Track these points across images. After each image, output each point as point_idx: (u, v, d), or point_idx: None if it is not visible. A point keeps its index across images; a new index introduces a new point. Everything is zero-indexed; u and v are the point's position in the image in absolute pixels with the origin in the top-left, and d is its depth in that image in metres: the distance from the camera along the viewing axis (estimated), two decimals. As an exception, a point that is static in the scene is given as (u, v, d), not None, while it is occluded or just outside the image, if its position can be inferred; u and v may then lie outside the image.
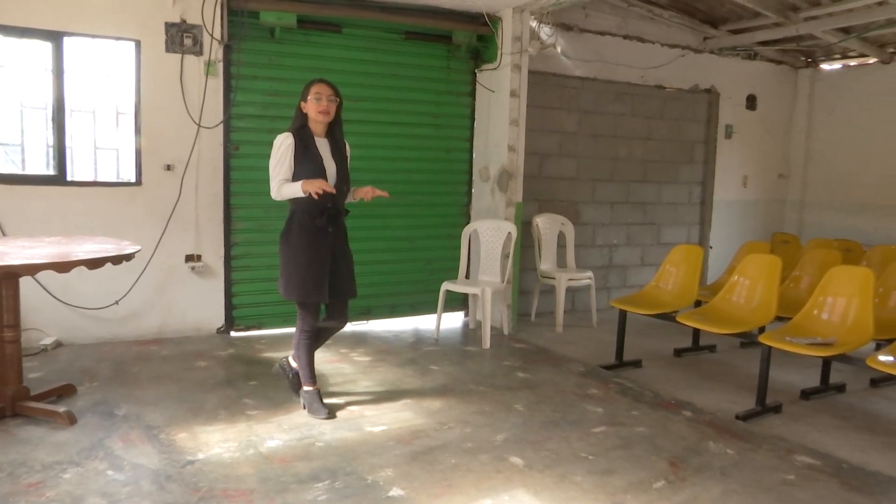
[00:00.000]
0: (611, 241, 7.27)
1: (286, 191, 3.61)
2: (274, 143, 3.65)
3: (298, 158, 3.61)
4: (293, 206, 3.71)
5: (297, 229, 3.67)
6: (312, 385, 3.87)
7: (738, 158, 8.06)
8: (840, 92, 8.14)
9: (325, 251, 3.69)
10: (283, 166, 3.61)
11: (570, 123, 6.83)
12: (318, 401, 3.84)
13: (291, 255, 3.70)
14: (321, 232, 3.66)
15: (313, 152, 3.63)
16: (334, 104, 3.66)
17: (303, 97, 3.66)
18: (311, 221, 3.65)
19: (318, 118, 3.63)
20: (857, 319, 4.09)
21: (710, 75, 7.69)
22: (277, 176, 3.63)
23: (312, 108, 3.61)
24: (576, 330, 6.21)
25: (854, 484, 3.24)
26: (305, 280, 3.67)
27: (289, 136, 3.63)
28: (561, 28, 6.59)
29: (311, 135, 3.67)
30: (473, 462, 3.30)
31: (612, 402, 4.24)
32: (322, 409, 3.80)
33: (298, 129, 3.66)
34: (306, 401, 3.86)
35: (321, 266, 3.68)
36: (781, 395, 4.45)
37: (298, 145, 3.61)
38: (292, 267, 3.70)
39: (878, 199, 7.78)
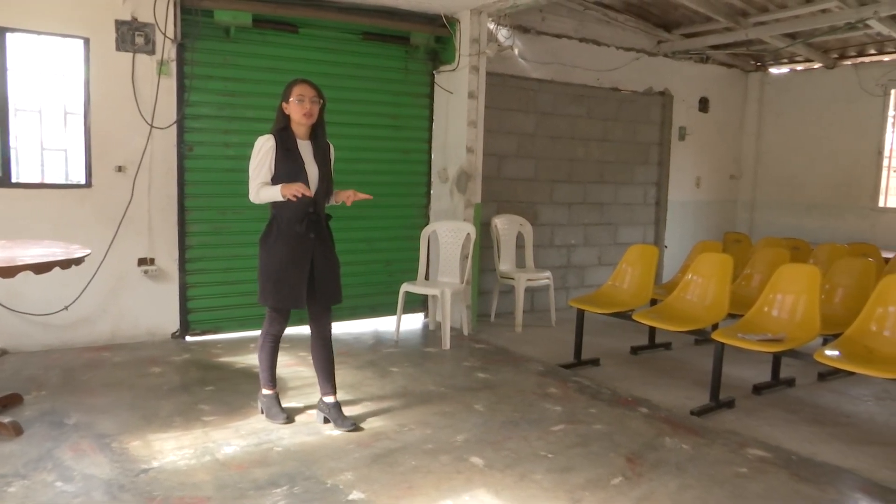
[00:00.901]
0: (569, 241, 7.35)
1: (265, 194, 3.50)
2: (254, 145, 3.53)
3: (279, 161, 3.50)
4: (274, 211, 3.60)
5: (277, 234, 3.56)
6: (271, 389, 3.80)
7: (692, 160, 8.24)
8: (788, 95, 8.39)
9: (304, 257, 3.56)
10: (262, 169, 3.50)
11: (528, 125, 6.89)
12: (276, 405, 3.78)
13: (268, 261, 3.57)
14: (301, 238, 3.54)
15: (294, 155, 3.52)
16: (317, 106, 3.54)
17: (284, 98, 3.55)
18: (290, 227, 3.54)
19: (301, 121, 3.51)
20: (805, 316, 4.21)
21: (664, 78, 7.85)
22: (256, 179, 3.51)
23: (295, 110, 3.49)
24: (535, 330, 6.26)
25: (803, 475, 3.33)
26: (279, 286, 3.55)
27: (270, 138, 3.52)
28: (518, 30, 6.64)
29: (293, 137, 3.55)
30: (434, 463, 3.30)
31: (571, 401, 4.28)
32: (280, 413, 3.74)
33: (280, 130, 3.54)
34: (264, 405, 3.79)
35: (298, 273, 3.55)
36: (734, 391, 4.56)
37: (279, 148, 3.50)
38: (267, 272, 3.58)
39: (824, 199, 8.04)
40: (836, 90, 7.86)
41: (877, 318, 3.91)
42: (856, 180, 7.76)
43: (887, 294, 3.91)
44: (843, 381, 4.94)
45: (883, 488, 3.24)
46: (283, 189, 3.39)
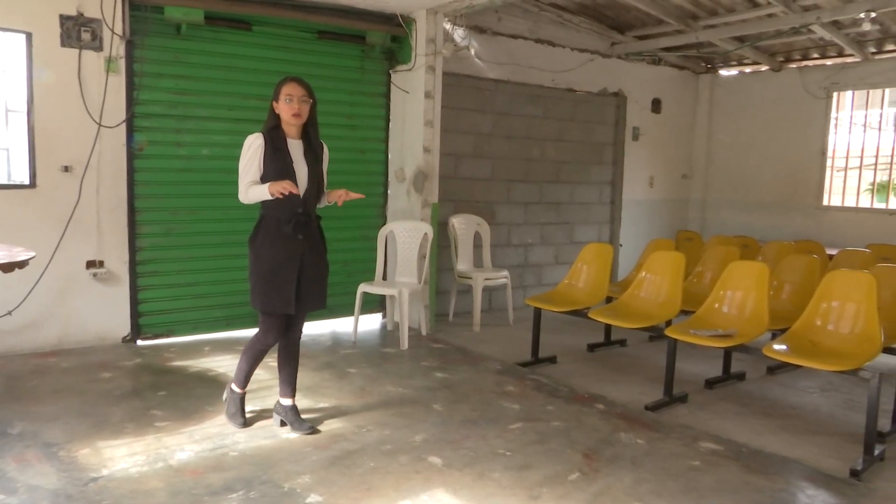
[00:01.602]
0: (526, 240, 7.41)
1: (253, 193, 3.43)
2: (244, 144, 3.47)
3: (268, 160, 3.42)
4: (262, 211, 3.52)
5: (265, 235, 3.48)
6: (242, 388, 3.71)
7: (645, 159, 8.39)
8: (737, 97, 8.61)
9: (293, 260, 3.48)
10: (251, 168, 3.43)
11: (485, 125, 6.92)
12: (239, 407, 3.70)
13: (257, 263, 3.50)
14: (290, 239, 3.47)
15: (283, 154, 3.45)
16: (307, 105, 3.48)
17: (274, 97, 3.48)
18: (278, 228, 3.46)
19: (291, 121, 3.44)
20: (754, 311, 4.33)
21: (618, 79, 7.97)
22: (245, 178, 3.44)
23: (284, 110, 3.43)
24: (493, 329, 6.29)
25: (753, 466, 3.42)
26: (269, 289, 3.47)
27: (259, 136, 3.45)
28: (474, 30, 6.67)
29: (283, 136, 3.48)
30: (392, 464, 3.29)
31: (529, 399, 4.32)
32: (239, 416, 3.68)
33: (270, 129, 3.47)
34: (229, 401, 3.73)
35: (287, 275, 3.47)
36: (688, 386, 4.66)
37: (268, 146, 3.43)
38: (257, 275, 3.50)
39: (771, 198, 8.28)
40: (783, 92, 8.11)
41: (821, 313, 4.04)
42: (801, 180, 8.02)
43: (831, 290, 4.05)
44: (791, 374, 5.09)
45: (827, 476, 3.35)
46: (270, 186, 3.30)
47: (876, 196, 7.77)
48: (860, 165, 7.74)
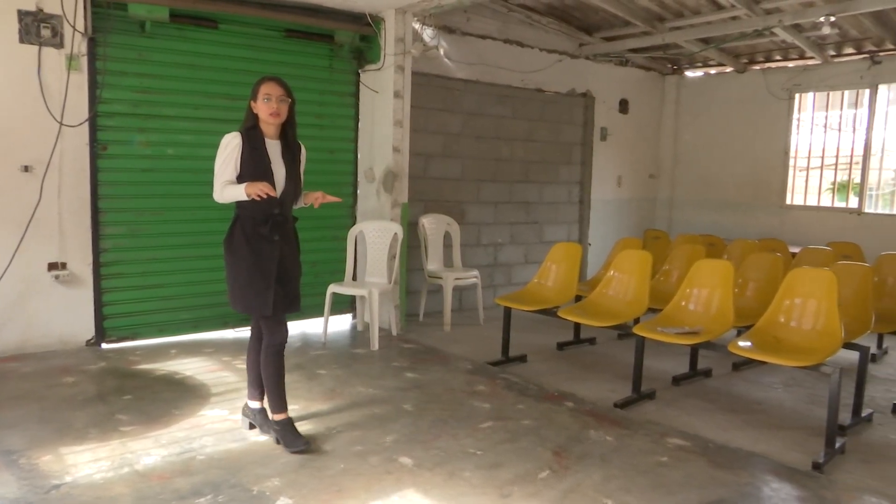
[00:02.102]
0: (495, 240, 7.44)
1: (229, 193, 3.36)
2: (220, 143, 3.40)
3: (245, 160, 3.37)
4: (238, 211, 3.45)
5: (240, 236, 3.41)
6: (284, 413, 3.51)
7: (613, 159, 8.48)
8: (702, 98, 8.75)
9: (271, 261, 3.43)
10: (227, 167, 3.37)
11: (454, 125, 6.93)
12: (292, 431, 3.47)
13: (233, 265, 3.44)
14: (266, 240, 3.42)
15: (261, 154, 3.39)
16: (286, 105, 3.42)
17: (252, 97, 3.42)
18: (254, 229, 3.41)
19: (269, 120, 3.39)
20: (720, 309, 4.41)
21: (586, 80, 8.04)
22: (221, 177, 3.37)
23: (262, 109, 3.37)
24: (463, 328, 6.30)
25: (719, 461, 3.48)
26: (247, 291, 3.42)
27: (236, 135, 3.39)
28: (443, 30, 6.67)
29: (261, 136, 3.42)
30: (363, 465, 3.28)
31: (499, 398, 4.34)
32: (298, 439, 3.43)
33: (248, 129, 3.41)
34: (279, 433, 3.47)
35: (264, 277, 3.41)
36: (655, 382, 4.72)
37: (246, 146, 3.37)
38: (233, 277, 3.44)
39: (736, 197, 8.43)
40: (747, 93, 8.26)
41: (784, 309, 4.12)
42: (765, 179, 8.17)
43: (794, 287, 4.13)
44: (756, 370, 5.19)
45: (791, 469, 3.43)
46: (247, 188, 3.25)
47: (836, 195, 7.95)
48: (821, 165, 7.92)
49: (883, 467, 3.53)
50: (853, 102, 7.56)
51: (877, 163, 7.38)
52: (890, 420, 4.24)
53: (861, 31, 6.78)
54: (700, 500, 3.06)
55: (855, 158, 7.48)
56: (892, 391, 4.79)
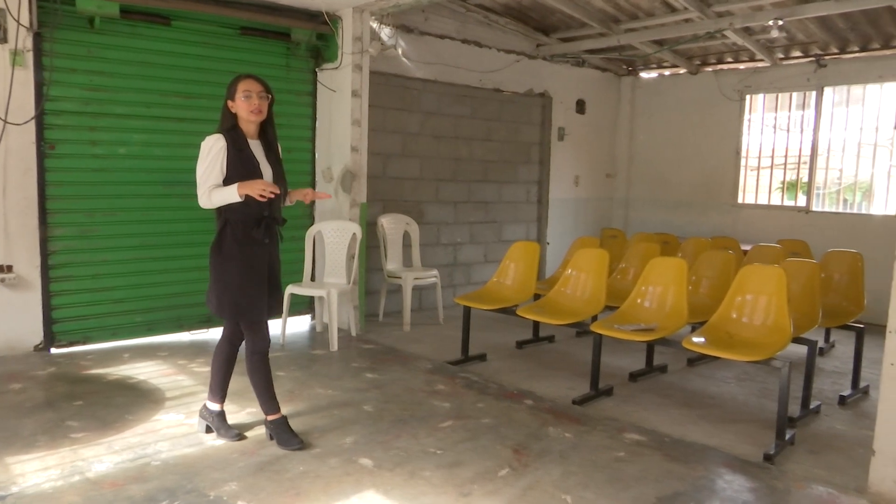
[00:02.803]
0: (455, 239, 7.46)
1: (218, 197, 3.24)
2: (202, 146, 3.28)
3: (231, 163, 3.26)
4: (226, 215, 3.33)
5: (231, 241, 3.31)
6: (277, 413, 3.50)
7: (571, 159, 8.58)
8: (657, 99, 8.91)
9: (262, 265, 3.36)
10: (213, 172, 3.25)
11: (413, 124, 6.92)
12: (287, 430, 3.47)
13: (224, 270, 3.32)
14: (258, 244, 3.34)
15: (248, 155, 3.30)
16: (266, 101, 3.34)
17: (229, 95, 3.32)
18: (245, 232, 3.31)
19: (250, 118, 3.30)
20: (674, 305, 4.49)
21: (544, 80, 8.12)
22: (207, 182, 3.26)
23: (242, 107, 3.28)
24: (423, 328, 6.30)
25: (674, 455, 3.55)
26: (240, 297, 3.33)
27: (220, 137, 3.27)
28: (402, 30, 6.66)
29: (243, 136, 3.33)
30: (322, 467, 3.25)
31: (459, 397, 4.35)
32: (293, 439, 3.44)
33: (229, 130, 3.31)
34: (273, 432, 3.48)
35: (258, 281, 3.34)
36: (613, 379, 4.79)
37: (231, 148, 3.27)
38: (225, 283, 3.33)
39: (690, 196, 8.61)
40: (700, 95, 8.44)
41: (736, 306, 4.23)
42: (718, 178, 8.36)
43: (745, 284, 4.24)
44: (709, 365, 5.31)
45: (743, 462, 3.51)
46: (241, 188, 3.17)
47: (786, 194, 8.18)
48: (771, 165, 8.14)
49: (830, 457, 3.65)
50: (801, 104, 7.79)
51: (823, 162, 7.62)
52: (836, 411, 4.38)
53: (807, 35, 7.00)
54: (656, 493, 3.12)
55: (803, 158, 7.71)
56: (838, 383, 4.95)
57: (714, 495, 3.14)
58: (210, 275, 3.39)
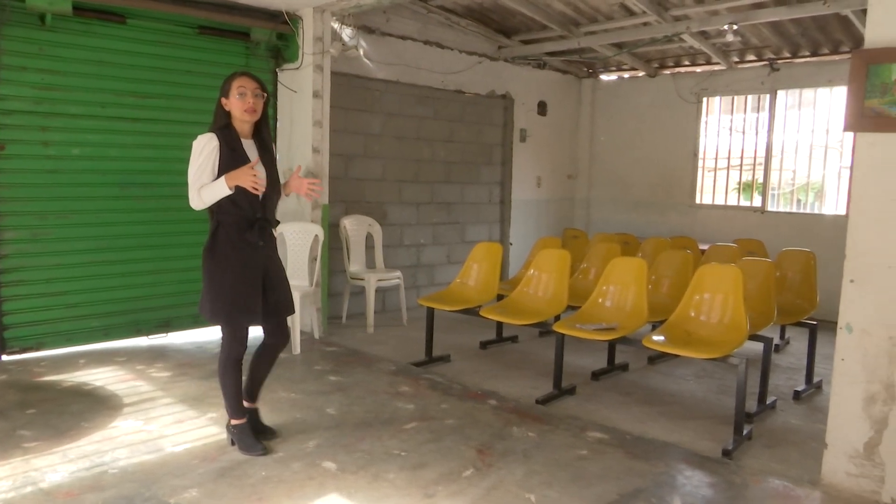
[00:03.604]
0: (418, 240, 7.45)
1: (208, 195, 3.17)
2: (194, 146, 3.19)
3: (224, 163, 3.18)
4: (218, 217, 3.25)
5: (225, 244, 3.24)
6: (242, 418, 3.43)
7: (532, 160, 8.64)
8: (617, 101, 9.03)
9: (257, 268, 3.29)
10: (204, 172, 3.17)
11: (375, 125, 6.89)
12: (250, 436, 3.41)
13: (217, 274, 3.25)
14: (251, 246, 3.27)
15: (240, 155, 3.23)
16: (261, 100, 3.27)
17: (223, 93, 3.25)
18: (239, 235, 3.24)
19: (244, 117, 3.23)
20: (635, 305, 4.56)
21: (506, 82, 8.16)
22: (197, 182, 3.18)
23: (236, 105, 3.20)
24: (387, 329, 6.28)
25: (636, 452, 3.60)
26: (234, 302, 3.25)
27: (213, 137, 3.20)
28: (363, 30, 6.63)
29: (236, 136, 3.26)
30: (285, 472, 3.21)
31: (423, 398, 4.34)
32: (257, 444, 3.39)
33: (222, 129, 3.24)
34: (236, 437, 3.42)
35: (252, 285, 3.27)
36: (575, 378, 4.83)
37: (223, 147, 3.19)
38: (218, 287, 3.26)
39: (650, 197, 8.75)
40: (658, 97, 8.58)
41: (694, 304, 4.31)
42: (676, 179, 8.52)
43: (702, 283, 4.32)
44: (669, 362, 5.40)
45: (702, 457, 3.58)
46: (229, 178, 3.09)
47: (742, 194, 8.37)
48: (728, 166, 8.32)
49: (785, 451, 3.74)
50: (756, 106, 7.98)
51: (777, 164, 7.82)
52: (791, 406, 4.50)
53: (761, 40, 7.17)
54: (618, 490, 3.16)
55: (758, 160, 7.90)
56: (793, 379, 5.08)
57: (674, 491, 3.20)
58: (203, 279, 3.32)
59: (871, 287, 3.09)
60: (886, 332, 3.05)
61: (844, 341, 3.18)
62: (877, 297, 3.08)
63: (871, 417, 3.11)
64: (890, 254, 3.04)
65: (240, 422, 3.44)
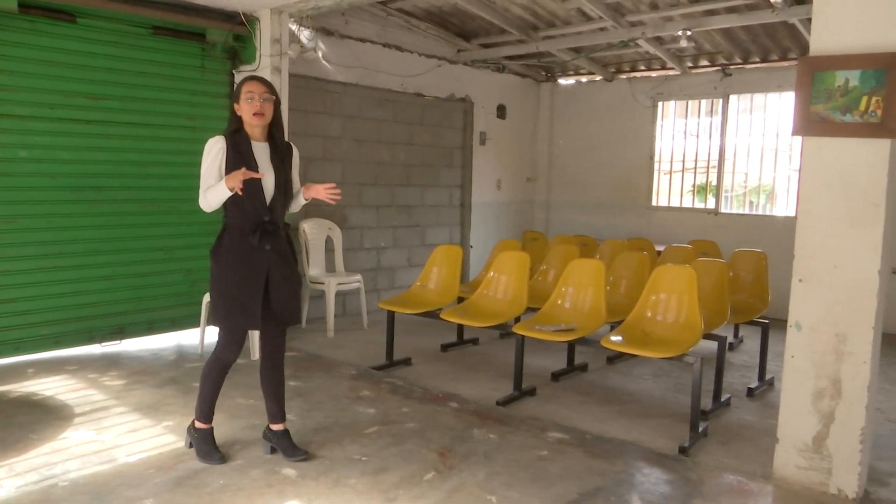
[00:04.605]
0: (378, 243, 7.42)
1: (213, 197, 3.16)
2: (204, 148, 3.21)
3: (230, 165, 3.17)
4: (226, 220, 3.25)
5: (228, 246, 3.22)
6: (207, 423, 3.41)
7: (492, 163, 8.69)
8: (575, 104, 9.14)
9: (259, 272, 3.23)
10: (210, 174, 3.18)
11: (334, 128, 6.85)
12: (210, 443, 3.40)
13: (220, 276, 3.24)
14: (255, 250, 3.22)
15: (247, 158, 3.19)
16: (270, 104, 3.24)
17: (235, 98, 3.26)
18: (243, 238, 3.21)
19: (253, 121, 3.21)
20: (593, 306, 4.61)
21: (465, 85, 8.19)
22: (204, 184, 3.19)
23: (245, 109, 3.20)
24: (347, 333, 6.23)
25: (595, 451, 3.65)
26: (231, 305, 3.22)
27: (220, 139, 3.20)
28: (321, 32, 6.58)
29: (246, 139, 3.23)
30: (244, 479, 3.17)
31: (384, 402, 4.32)
32: (214, 452, 3.37)
33: (233, 132, 3.24)
34: (195, 441, 3.40)
35: (252, 290, 3.22)
36: (536, 379, 4.87)
37: (231, 150, 3.18)
38: (219, 290, 3.24)
39: (607, 199, 8.87)
40: (615, 101, 8.72)
41: (651, 304, 4.38)
42: (633, 182, 8.66)
43: (659, 283, 4.40)
44: (627, 362, 5.48)
45: (660, 455, 3.64)
46: (227, 180, 3.07)
47: (696, 196, 8.54)
48: (682, 169, 8.49)
49: (739, 447, 3.83)
50: (709, 111, 8.17)
51: (730, 167, 8.01)
52: (745, 403, 4.61)
53: (714, 46, 7.34)
54: (578, 489, 3.19)
55: (712, 162, 8.08)
56: (747, 376, 5.20)
57: (633, 489, 3.24)
58: (210, 280, 3.33)
59: (819, 286, 3.19)
60: (833, 330, 3.15)
61: (794, 339, 3.27)
62: (824, 296, 3.17)
63: (819, 412, 3.20)
64: (836, 253, 3.14)
65: (204, 427, 3.41)
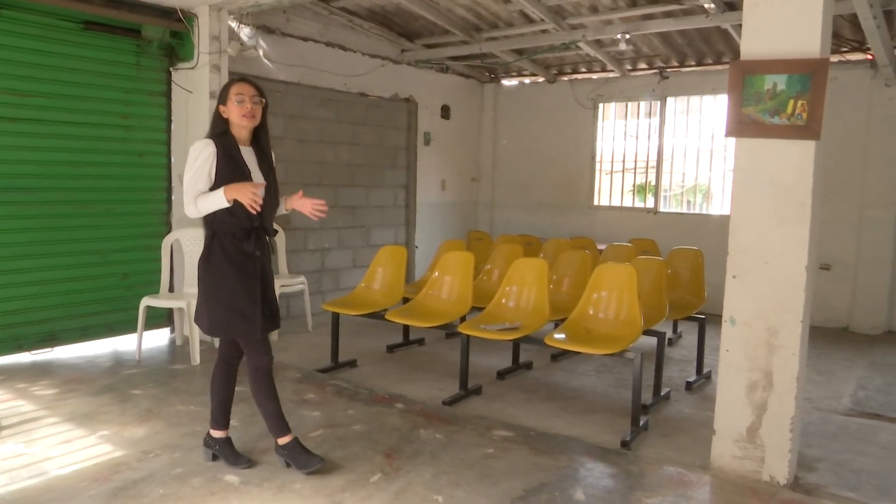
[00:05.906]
0: (322, 244, 7.34)
1: (205, 205, 3.02)
2: (191, 152, 3.03)
3: (221, 170, 3.04)
4: (214, 227, 3.10)
5: (221, 255, 3.09)
6: (224, 430, 3.41)
7: (437, 163, 8.70)
8: (518, 105, 9.24)
9: (254, 278, 3.14)
10: (199, 179, 3.03)
11: (276, 128, 6.73)
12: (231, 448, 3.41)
13: (214, 286, 3.11)
14: (248, 257, 3.12)
15: (238, 162, 3.08)
16: (259, 106, 3.14)
17: (221, 100, 3.12)
18: (236, 245, 3.09)
19: (243, 123, 3.10)
20: (537, 304, 4.67)
21: (409, 86, 8.18)
22: (192, 190, 3.03)
23: (234, 111, 3.08)
24: (291, 336, 6.14)
25: (540, 448, 3.69)
26: (232, 314, 3.11)
27: (209, 143, 3.05)
28: (262, 30, 6.47)
29: (234, 142, 3.11)
30: (184, 488, 3.09)
31: (329, 404, 4.28)
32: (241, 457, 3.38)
33: (220, 135, 3.10)
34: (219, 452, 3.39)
35: (250, 296, 3.13)
36: (481, 378, 4.90)
37: (220, 154, 3.04)
38: (215, 299, 3.11)
39: (550, 199, 9.00)
40: (557, 102, 8.84)
41: (593, 302, 4.46)
42: (576, 182, 8.80)
43: (600, 281, 4.48)
44: (571, 359, 5.56)
45: (603, 450, 3.72)
46: (228, 191, 2.96)
47: (636, 196, 8.74)
48: (623, 169, 8.68)
49: (679, 439, 3.93)
50: (648, 112, 8.37)
51: (669, 167, 8.23)
52: (684, 396, 4.74)
53: (651, 49, 7.53)
54: (524, 486, 3.22)
55: (651, 163, 8.29)
56: (685, 371, 5.35)
57: (577, 483, 3.30)
58: (199, 290, 3.20)
59: (751, 282, 3.31)
60: (764, 324, 3.27)
61: (728, 333, 3.39)
62: (755, 291, 3.29)
63: (752, 403, 3.32)
64: (766, 251, 3.26)
65: (221, 435, 3.39)
